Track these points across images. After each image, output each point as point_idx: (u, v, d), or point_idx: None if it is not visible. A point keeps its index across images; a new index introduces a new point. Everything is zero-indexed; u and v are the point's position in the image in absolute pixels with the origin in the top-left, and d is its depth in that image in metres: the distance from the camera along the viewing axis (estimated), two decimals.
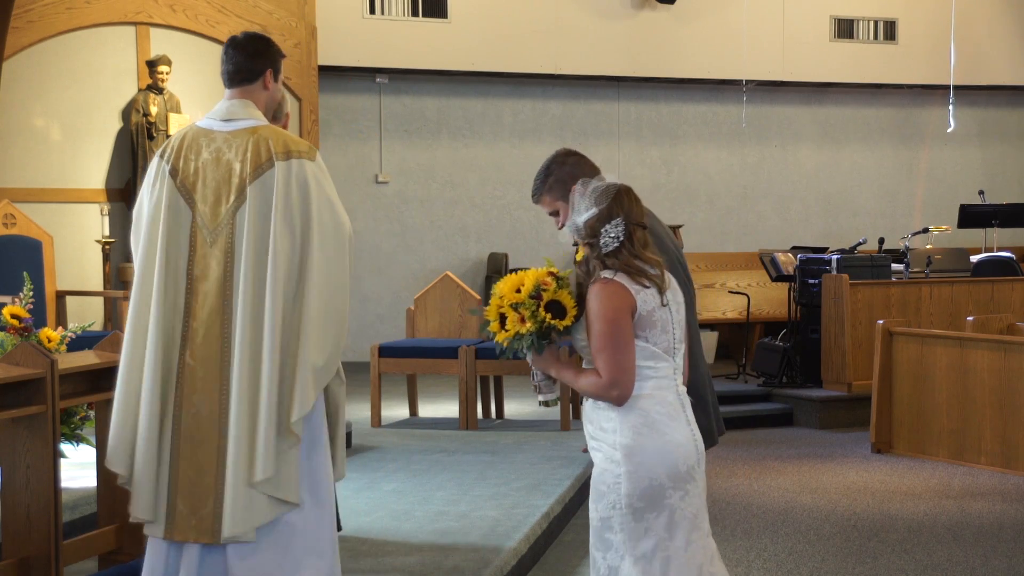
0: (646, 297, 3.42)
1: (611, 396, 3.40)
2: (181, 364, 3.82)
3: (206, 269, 3.85)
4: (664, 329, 3.46)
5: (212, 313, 3.83)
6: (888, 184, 14.20)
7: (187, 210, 3.88)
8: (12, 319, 5.49)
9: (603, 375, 3.39)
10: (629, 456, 3.40)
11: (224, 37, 10.75)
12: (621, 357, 3.37)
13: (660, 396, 3.45)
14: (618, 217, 3.44)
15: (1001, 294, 10.70)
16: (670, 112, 13.37)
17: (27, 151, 10.08)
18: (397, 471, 6.82)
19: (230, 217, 3.84)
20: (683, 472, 3.44)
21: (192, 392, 3.80)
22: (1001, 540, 6.42)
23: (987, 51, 13.95)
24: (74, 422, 5.61)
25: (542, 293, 3.43)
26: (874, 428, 8.95)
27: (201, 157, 3.92)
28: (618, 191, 3.49)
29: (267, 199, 3.83)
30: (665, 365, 3.47)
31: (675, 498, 3.43)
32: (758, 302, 12.51)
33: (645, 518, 3.41)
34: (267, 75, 4.14)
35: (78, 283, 10.08)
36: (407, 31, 11.95)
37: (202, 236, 3.87)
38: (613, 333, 3.37)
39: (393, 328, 11.70)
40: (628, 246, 3.42)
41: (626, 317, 3.39)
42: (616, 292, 3.39)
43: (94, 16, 10.36)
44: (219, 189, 3.87)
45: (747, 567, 5.91)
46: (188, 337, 3.83)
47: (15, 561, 3.99)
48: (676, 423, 3.46)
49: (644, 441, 3.41)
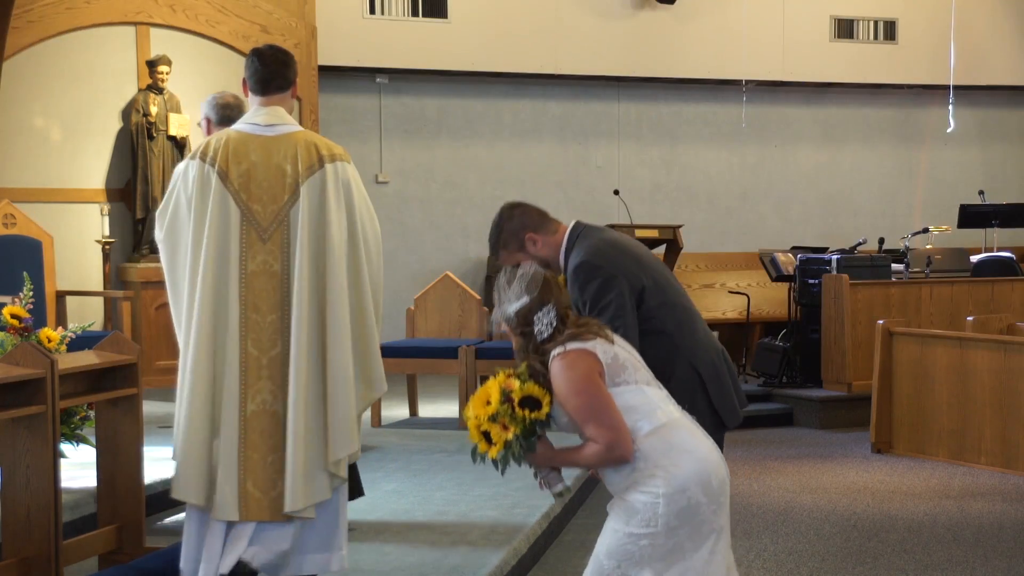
0: (603, 347, 3.45)
1: (615, 458, 3.40)
2: (244, 355, 4.09)
3: (262, 264, 4.12)
4: (636, 366, 3.50)
5: (272, 305, 4.11)
6: (888, 184, 14.19)
7: (237, 210, 4.13)
8: (12, 319, 5.49)
9: (599, 443, 3.38)
10: (664, 482, 3.37)
11: (224, 37, 10.79)
12: (607, 418, 3.38)
13: (668, 421, 3.45)
14: (548, 304, 3.48)
15: (1001, 294, 10.70)
16: (670, 112, 13.37)
17: (27, 151, 10.08)
18: (397, 471, 6.82)
19: (284, 215, 4.14)
20: (715, 487, 3.43)
21: (257, 379, 4.08)
22: (1001, 540, 6.42)
23: (987, 51, 13.95)
24: (74, 422, 5.61)
25: (511, 396, 3.42)
26: (874, 428, 8.95)
27: (249, 159, 4.16)
28: (545, 279, 3.54)
29: (318, 198, 4.15)
30: (657, 391, 3.50)
31: (708, 512, 3.41)
32: (758, 302, 12.51)
33: (678, 534, 3.38)
34: (296, 84, 4.40)
35: (78, 283, 10.07)
36: (407, 31, 11.95)
37: (255, 233, 4.14)
38: (590, 399, 3.39)
39: (393, 328, 11.68)
40: (562, 328, 3.47)
41: (595, 378, 3.41)
42: (576, 359, 3.42)
43: (94, 16, 10.36)
44: (272, 189, 4.15)
45: (747, 567, 5.91)
46: (249, 328, 4.10)
47: (15, 561, 4.00)
48: (696, 440, 3.47)
49: (676, 460, 3.39)
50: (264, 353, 4.10)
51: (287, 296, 4.11)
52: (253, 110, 4.30)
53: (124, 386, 4.45)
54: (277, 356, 4.11)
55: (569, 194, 12.73)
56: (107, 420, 4.50)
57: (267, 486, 4.07)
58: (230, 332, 4.08)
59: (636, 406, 3.43)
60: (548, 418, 3.47)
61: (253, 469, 4.07)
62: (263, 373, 4.09)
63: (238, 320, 4.09)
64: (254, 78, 4.30)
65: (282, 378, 4.09)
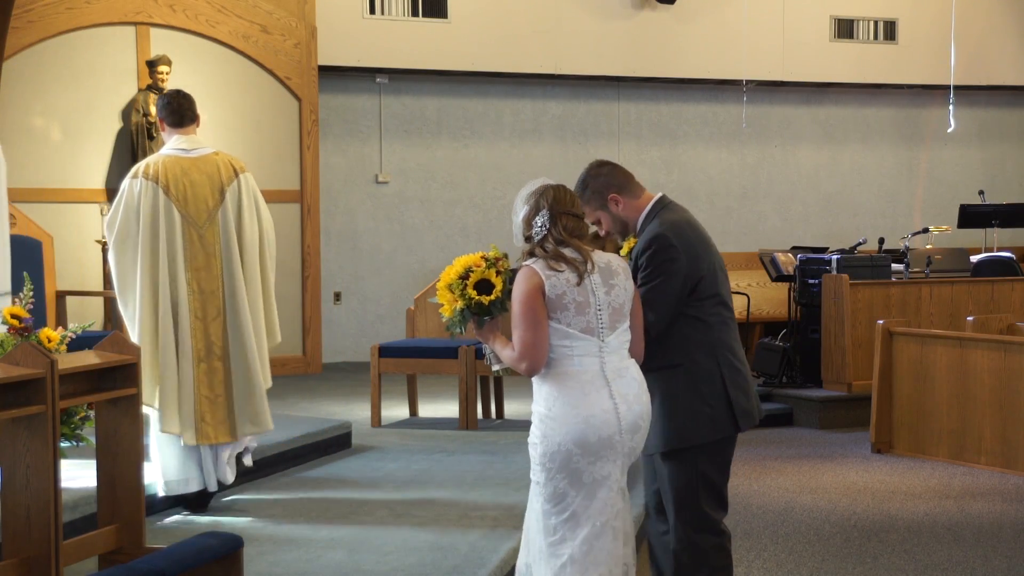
0: (556, 281, 3.78)
1: (521, 368, 3.82)
2: (194, 322, 5.61)
3: (200, 253, 5.65)
4: (581, 311, 3.79)
5: (211, 283, 5.65)
6: (888, 184, 14.20)
7: (178, 215, 5.62)
8: (12, 319, 5.49)
9: (516, 349, 3.81)
10: (542, 423, 3.82)
11: (224, 37, 10.79)
12: (530, 335, 3.77)
13: (576, 372, 3.79)
14: (544, 209, 3.87)
15: (1001, 294, 10.70)
16: (670, 112, 13.37)
17: (27, 151, 10.08)
18: (397, 471, 6.82)
19: (214, 215, 5.67)
20: (594, 443, 3.77)
21: (205, 339, 5.62)
22: (1001, 540, 6.42)
23: (987, 51, 13.95)
24: (74, 422, 5.61)
25: (470, 274, 3.93)
26: (874, 428, 8.95)
27: (182, 175, 5.66)
28: (544, 187, 3.92)
29: (236, 201, 5.74)
30: (583, 343, 3.80)
31: (583, 463, 3.77)
32: (758, 302, 12.51)
33: (555, 478, 3.79)
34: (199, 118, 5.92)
35: (78, 283, 10.08)
36: (407, 31, 11.95)
37: (194, 232, 5.65)
38: (524, 313, 3.78)
39: (393, 328, 11.70)
40: (553, 232, 3.84)
41: (537, 298, 3.78)
42: (529, 276, 3.81)
43: (94, 16, 10.36)
44: (203, 196, 5.67)
45: (747, 567, 5.92)
46: (194, 303, 5.62)
47: (15, 561, 4.00)
48: (593, 397, 3.79)
49: (555, 412, 3.79)
50: (209, 320, 5.63)
51: (221, 275, 5.65)
52: (175, 139, 5.74)
53: (124, 386, 4.45)
54: (218, 321, 5.64)
55: None
56: (107, 420, 4.51)
57: (224, 416, 5.64)
58: (181, 308, 5.59)
59: (553, 345, 3.81)
60: (492, 306, 3.90)
61: (210, 406, 5.61)
62: (209, 334, 5.62)
63: (186, 297, 5.60)
64: (172, 116, 5.76)
65: (223, 337, 5.66)
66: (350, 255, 11.92)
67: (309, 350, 11.07)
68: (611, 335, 3.85)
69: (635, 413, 3.84)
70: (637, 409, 3.85)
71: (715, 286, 4.18)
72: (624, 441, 3.82)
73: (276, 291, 8.92)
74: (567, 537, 3.80)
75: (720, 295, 4.20)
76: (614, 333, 3.85)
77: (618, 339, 3.87)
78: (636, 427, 3.85)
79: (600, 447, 3.77)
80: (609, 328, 3.84)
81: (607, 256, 3.93)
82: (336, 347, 11.78)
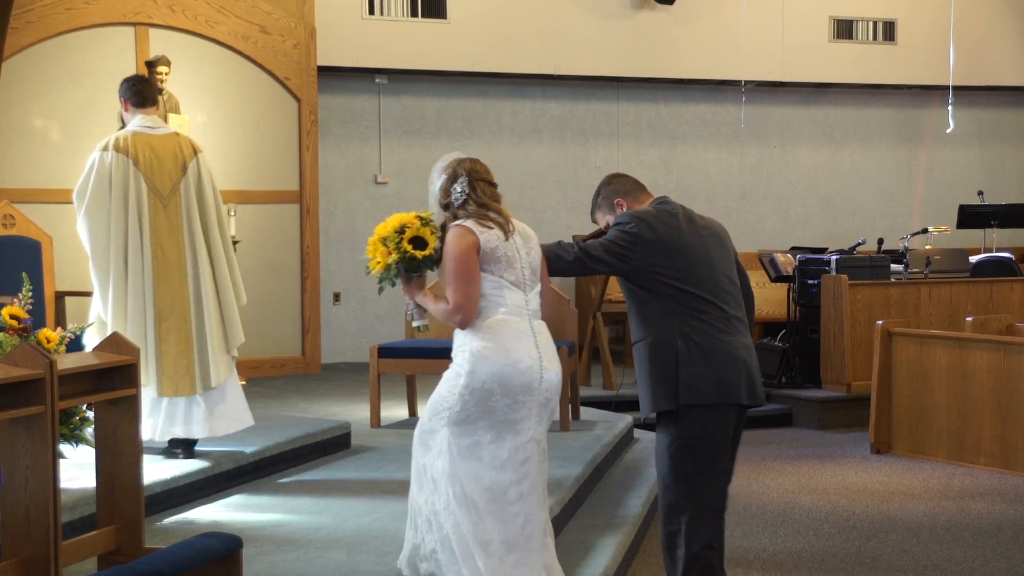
0: (489, 237, 4.14)
1: (455, 321, 4.13)
2: (157, 285, 6.08)
3: (165, 221, 6.14)
4: (511, 265, 4.16)
5: (175, 248, 6.13)
6: (887, 184, 14.20)
7: (145, 186, 6.13)
8: (11, 320, 5.49)
9: (450, 303, 4.10)
10: (473, 361, 4.11)
11: (223, 37, 10.79)
12: (465, 289, 4.09)
13: (508, 321, 4.15)
14: (462, 176, 4.19)
15: (1000, 294, 10.71)
16: (670, 112, 13.37)
17: (27, 151, 10.08)
18: (397, 471, 6.81)
19: (177, 186, 6.20)
20: (516, 385, 4.12)
21: (170, 300, 6.09)
22: (1000, 540, 6.42)
23: (987, 51, 13.95)
24: (74, 422, 5.61)
25: (406, 229, 4.19)
26: (873, 428, 8.95)
27: (149, 150, 6.17)
28: (459, 158, 4.28)
29: (197, 175, 6.29)
30: (514, 295, 4.16)
31: (501, 404, 4.11)
32: (757, 302, 12.42)
33: (469, 411, 4.09)
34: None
35: (77, 283, 10.06)
36: (406, 31, 11.95)
37: (159, 202, 6.16)
38: (459, 268, 4.08)
39: (393, 328, 11.69)
40: (474, 196, 4.18)
41: (472, 255, 4.10)
42: (463, 234, 4.12)
43: (93, 16, 10.36)
44: (168, 170, 6.19)
45: (747, 567, 5.92)
46: (158, 267, 6.10)
47: (15, 561, 4.00)
48: (520, 344, 4.14)
49: (488, 354, 4.11)
50: (171, 283, 6.10)
51: (183, 242, 6.14)
52: (140, 118, 6.26)
53: (123, 386, 4.45)
54: (181, 283, 6.11)
55: (568, 194, 12.73)
56: (106, 420, 4.50)
57: (185, 372, 6.09)
58: (145, 270, 6.07)
59: (487, 294, 4.14)
60: (425, 261, 4.19)
61: (175, 360, 6.07)
62: (174, 297, 6.09)
63: (151, 261, 6.08)
64: (136, 97, 6.28)
65: (185, 298, 6.11)
66: (349, 255, 11.92)
67: (308, 350, 11.07)
68: (532, 292, 4.24)
69: (554, 367, 4.23)
70: (556, 364, 4.24)
71: (683, 277, 4.40)
72: (541, 391, 4.18)
73: (275, 291, 10.29)
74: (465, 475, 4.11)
75: (689, 285, 4.40)
76: (534, 291, 4.25)
77: (536, 298, 4.26)
78: (553, 381, 4.22)
79: (520, 391, 4.12)
80: (531, 286, 4.24)
81: (521, 223, 4.30)
82: (335, 348, 11.78)
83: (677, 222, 4.48)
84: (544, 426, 4.25)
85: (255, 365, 10.77)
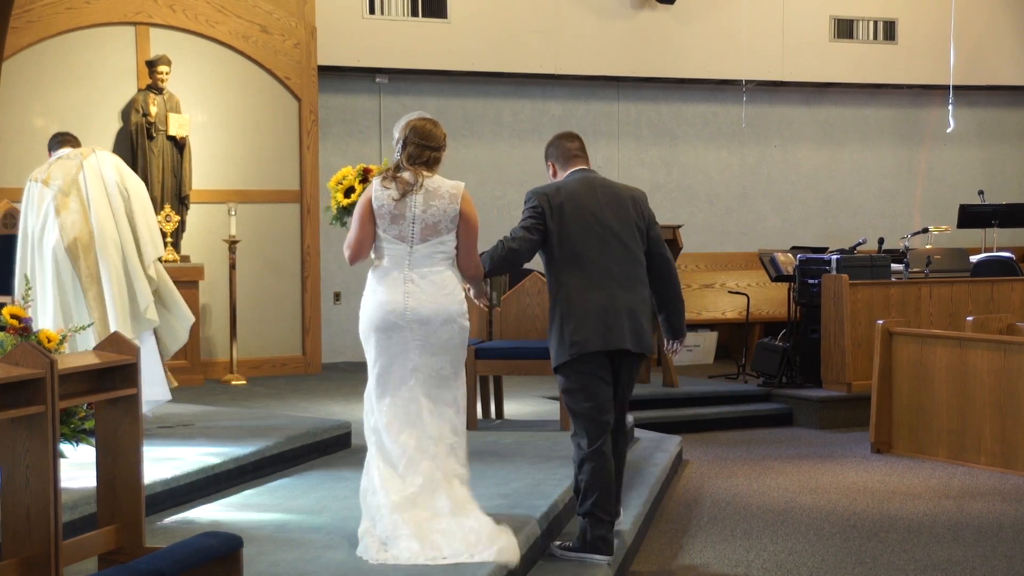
0: (380, 195, 4.92)
1: (345, 256, 5.03)
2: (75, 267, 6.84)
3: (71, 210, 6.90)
4: (395, 221, 4.90)
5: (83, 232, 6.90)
6: (888, 184, 14.20)
7: (48, 191, 6.98)
8: (12, 319, 5.49)
9: (345, 244, 5.03)
10: (362, 304, 5.01)
11: (224, 37, 10.79)
12: (353, 233, 4.98)
13: (384, 267, 4.95)
14: (402, 137, 5.01)
15: (1001, 294, 10.71)
16: (670, 112, 13.37)
17: (27, 151, 10.07)
18: None
19: (75, 180, 7.00)
20: (383, 322, 4.91)
21: (87, 270, 6.84)
22: (1001, 540, 6.42)
23: (987, 51, 13.95)
24: (74, 422, 5.61)
25: (343, 180, 5.47)
26: (874, 428, 8.95)
27: (59, 168, 7.08)
28: (408, 120, 5.08)
29: (97, 169, 7.07)
30: (393, 247, 4.93)
31: (378, 337, 4.94)
32: (758, 302, 12.51)
33: (370, 342, 4.99)
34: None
35: None
36: (407, 31, 11.95)
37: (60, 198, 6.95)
38: (356, 216, 4.97)
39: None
40: (402, 156, 4.99)
41: (364, 207, 4.94)
42: (366, 191, 5.02)
43: (94, 16, 10.36)
44: (68, 170, 7.02)
45: (747, 567, 5.92)
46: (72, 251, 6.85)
47: (15, 561, 3.99)
48: (390, 289, 4.92)
49: (367, 295, 4.99)
50: (86, 263, 6.82)
51: (90, 224, 6.90)
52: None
53: (124, 386, 4.45)
54: (92, 264, 6.84)
55: None
56: (107, 420, 4.50)
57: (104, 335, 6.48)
58: (63, 255, 6.80)
59: (376, 245, 4.98)
60: (349, 208, 5.31)
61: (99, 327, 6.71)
62: (89, 267, 6.83)
63: (64, 247, 6.81)
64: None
65: (96, 266, 6.85)
66: None
67: (309, 350, 11.08)
68: (421, 244, 4.92)
69: (427, 308, 4.89)
70: (429, 306, 4.89)
71: (567, 245, 5.24)
72: (413, 328, 4.89)
73: (275, 291, 10.89)
74: (379, 397, 4.96)
75: (570, 254, 5.25)
76: (425, 244, 4.91)
77: (429, 248, 4.92)
78: (425, 319, 4.89)
79: (388, 328, 4.89)
80: (420, 239, 4.91)
81: (446, 184, 4.96)
82: (336, 347, 11.78)
83: (575, 190, 5.32)
84: (430, 358, 4.92)
85: (255, 364, 10.77)
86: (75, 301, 6.86)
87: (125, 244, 7.00)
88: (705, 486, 7.80)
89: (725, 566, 5.97)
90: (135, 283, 6.95)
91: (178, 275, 10.06)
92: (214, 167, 10.79)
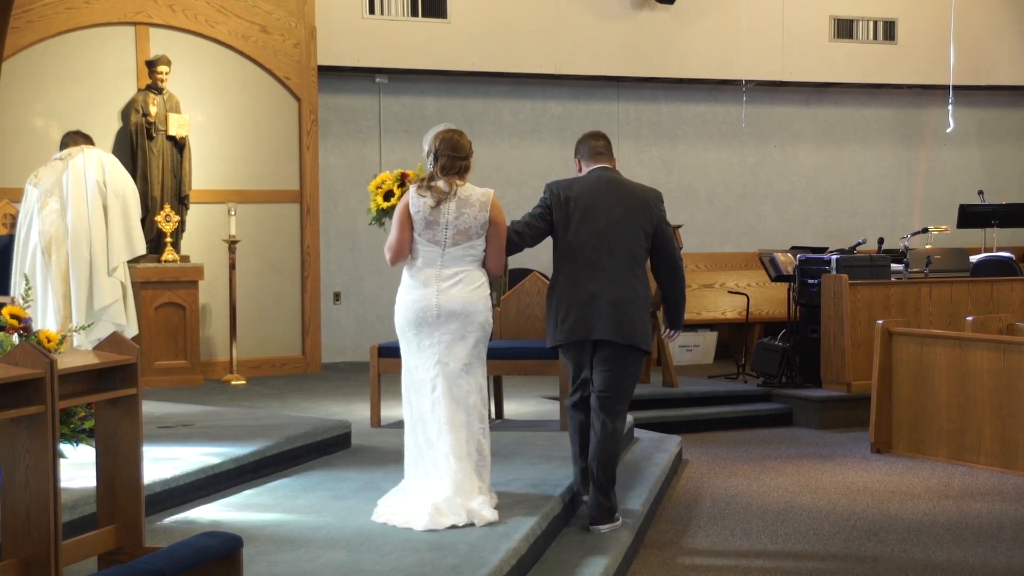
0: (417, 202, 5.43)
1: (387, 259, 5.56)
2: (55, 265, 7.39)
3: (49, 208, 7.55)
4: (430, 227, 5.40)
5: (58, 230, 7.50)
6: (888, 184, 14.20)
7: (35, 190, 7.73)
8: (11, 319, 5.49)
9: (386, 244, 5.55)
10: (396, 299, 5.54)
11: (224, 37, 10.79)
12: (393, 237, 5.50)
13: (419, 268, 5.46)
14: (432, 151, 5.49)
15: (1000, 294, 10.71)
16: (670, 112, 13.37)
17: (27, 151, 10.07)
18: (397, 471, 6.80)
19: (59, 180, 7.65)
20: (413, 319, 5.44)
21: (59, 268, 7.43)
22: (1001, 540, 6.42)
23: (987, 51, 13.95)
24: (74, 422, 5.61)
25: (383, 184, 5.90)
26: (873, 428, 8.95)
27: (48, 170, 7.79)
28: (437, 132, 5.53)
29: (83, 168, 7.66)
30: (427, 250, 5.43)
31: (410, 333, 5.48)
32: (757, 302, 12.51)
33: (405, 334, 5.51)
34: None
35: None
36: (407, 31, 11.95)
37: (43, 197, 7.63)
38: (395, 221, 5.49)
39: (392, 328, 11.67)
40: (434, 168, 5.47)
41: (403, 213, 5.46)
42: (404, 197, 5.52)
43: (94, 16, 10.36)
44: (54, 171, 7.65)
45: (747, 567, 5.92)
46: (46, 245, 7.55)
47: (15, 561, 3.99)
48: (423, 287, 5.43)
49: (401, 292, 5.52)
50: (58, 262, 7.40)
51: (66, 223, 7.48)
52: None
53: (124, 386, 4.45)
54: (63, 263, 7.38)
55: None
56: (107, 420, 4.50)
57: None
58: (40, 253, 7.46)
59: (413, 247, 5.46)
60: (388, 210, 5.76)
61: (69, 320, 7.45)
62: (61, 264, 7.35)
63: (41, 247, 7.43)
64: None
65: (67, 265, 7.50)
66: (350, 255, 11.92)
67: (309, 350, 11.08)
68: (453, 247, 5.41)
69: (456, 304, 5.38)
70: (458, 302, 5.39)
71: (565, 239, 5.71)
72: (440, 324, 5.40)
73: (275, 291, 11.02)
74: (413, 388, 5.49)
75: (568, 247, 5.71)
76: (457, 247, 5.41)
77: (461, 251, 5.41)
78: (452, 314, 5.39)
79: (419, 323, 5.42)
80: (452, 243, 5.41)
81: (477, 192, 5.45)
82: (336, 347, 11.78)
83: (586, 187, 5.74)
84: (457, 350, 5.41)
85: (255, 364, 10.77)
86: (42, 298, 7.34)
87: (96, 243, 7.43)
88: (705, 486, 7.80)
89: (725, 566, 5.97)
90: (94, 282, 7.47)
91: (178, 275, 10.09)
92: (214, 167, 10.79)
